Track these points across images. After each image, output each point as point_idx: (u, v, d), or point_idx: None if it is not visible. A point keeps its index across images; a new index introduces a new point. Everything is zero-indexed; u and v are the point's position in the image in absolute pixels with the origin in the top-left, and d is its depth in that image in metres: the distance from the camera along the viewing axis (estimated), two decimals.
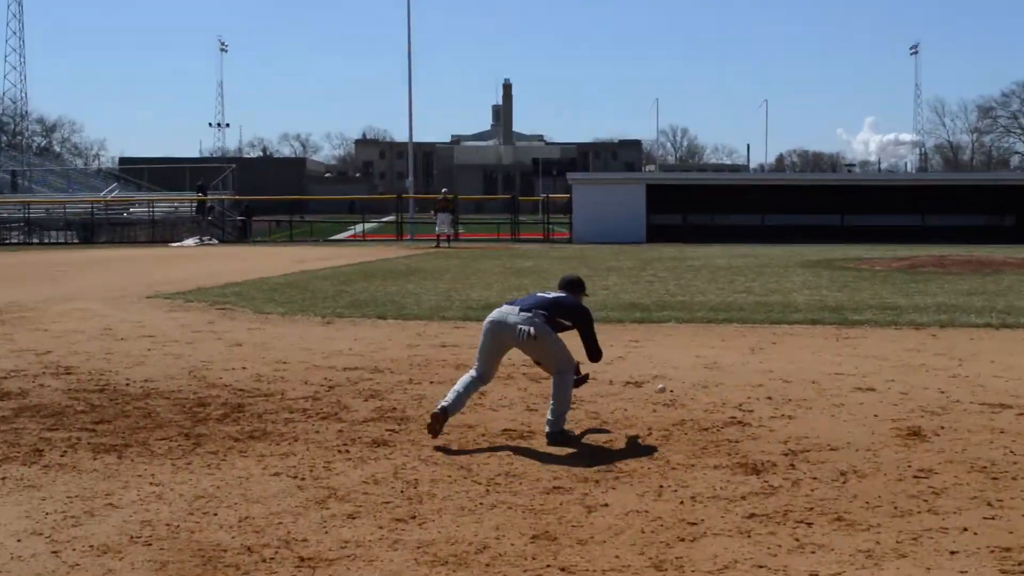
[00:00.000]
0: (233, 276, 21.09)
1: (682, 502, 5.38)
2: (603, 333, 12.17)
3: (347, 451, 6.47)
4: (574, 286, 7.16)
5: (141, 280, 20.48)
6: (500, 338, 6.80)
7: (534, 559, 4.55)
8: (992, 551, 4.63)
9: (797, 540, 4.78)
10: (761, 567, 4.45)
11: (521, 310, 6.75)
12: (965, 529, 4.92)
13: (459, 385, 6.82)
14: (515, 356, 8.09)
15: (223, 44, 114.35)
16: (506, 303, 6.96)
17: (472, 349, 10.71)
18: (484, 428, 7.09)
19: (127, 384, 8.79)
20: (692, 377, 9.05)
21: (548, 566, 4.47)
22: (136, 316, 13.94)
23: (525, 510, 5.25)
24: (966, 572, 4.38)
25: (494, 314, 6.87)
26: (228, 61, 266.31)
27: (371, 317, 13.63)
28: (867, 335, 11.71)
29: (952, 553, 4.61)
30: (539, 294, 7.05)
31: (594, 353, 6.97)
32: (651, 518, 5.11)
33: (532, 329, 6.68)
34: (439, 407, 6.69)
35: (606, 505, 5.33)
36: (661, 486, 5.68)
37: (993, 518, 5.09)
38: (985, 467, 6.03)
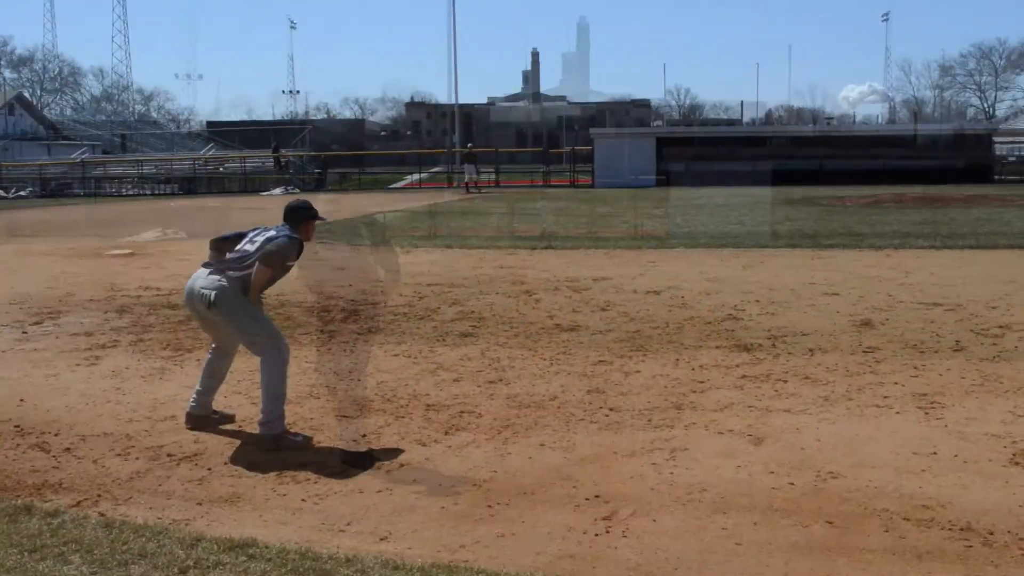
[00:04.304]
0: (344, 214, 20.64)
1: (693, 369, 6.28)
2: (625, 257, 13.05)
3: (443, 339, 7.29)
4: (293, 214, 4.85)
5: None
6: (198, 311, 4.78)
7: (590, 404, 5.49)
8: (914, 395, 5.54)
9: (776, 391, 5.69)
10: (750, 407, 5.38)
11: (210, 272, 4.69)
12: (896, 383, 5.82)
13: (204, 371, 5.09)
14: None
15: (292, 23, 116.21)
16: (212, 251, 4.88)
17: (521, 270, 11.51)
18: (536, 321, 7.92)
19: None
20: (698, 287, 9.80)
21: (600, 408, 5.42)
22: None
23: (580, 375, 6.15)
24: (893, 407, 5.31)
25: (189, 282, 4.80)
26: (296, 36, 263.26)
27: (440, 247, 14.35)
28: (835, 256, 12.37)
29: (885, 397, 5.52)
30: (260, 233, 4.81)
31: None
32: (671, 379, 6.03)
33: (212, 295, 4.61)
34: (188, 410, 5.05)
35: (638, 371, 6.24)
36: (677, 359, 6.56)
37: (917, 376, 5.98)
38: (915, 345, 6.89)
